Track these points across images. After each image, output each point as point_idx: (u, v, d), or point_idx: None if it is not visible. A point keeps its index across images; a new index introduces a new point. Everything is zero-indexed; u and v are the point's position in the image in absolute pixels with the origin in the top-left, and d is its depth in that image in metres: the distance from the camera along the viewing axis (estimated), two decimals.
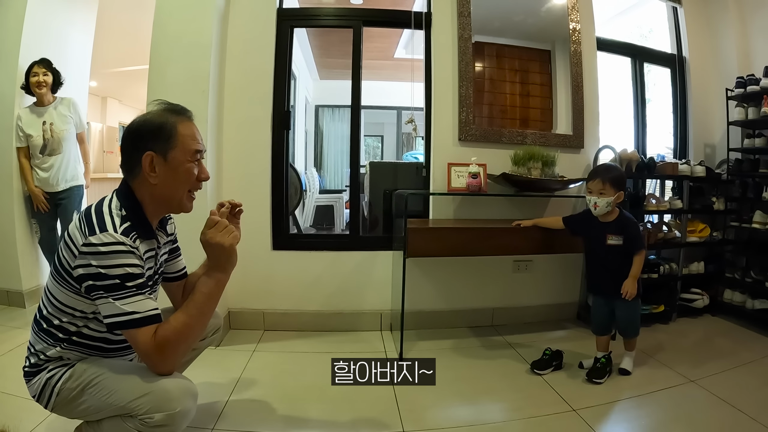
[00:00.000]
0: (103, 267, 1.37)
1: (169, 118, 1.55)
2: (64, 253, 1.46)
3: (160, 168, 1.53)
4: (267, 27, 3.37)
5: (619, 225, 2.72)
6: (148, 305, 1.42)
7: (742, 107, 3.89)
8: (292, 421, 2.22)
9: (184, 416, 1.46)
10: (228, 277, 1.59)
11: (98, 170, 6.92)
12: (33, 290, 3.75)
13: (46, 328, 1.53)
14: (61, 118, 3.65)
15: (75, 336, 1.53)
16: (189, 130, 1.58)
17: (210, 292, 1.53)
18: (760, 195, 3.68)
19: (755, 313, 3.61)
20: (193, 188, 1.63)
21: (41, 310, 1.56)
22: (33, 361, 1.54)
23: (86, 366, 1.51)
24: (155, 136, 1.52)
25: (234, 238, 1.58)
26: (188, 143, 1.56)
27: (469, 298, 3.54)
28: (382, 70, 7.65)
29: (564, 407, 2.35)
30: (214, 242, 1.54)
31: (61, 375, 1.50)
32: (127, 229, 1.45)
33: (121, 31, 5.91)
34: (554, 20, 3.77)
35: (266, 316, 3.36)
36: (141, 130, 1.53)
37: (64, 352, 1.53)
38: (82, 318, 1.51)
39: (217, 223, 1.56)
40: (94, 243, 1.38)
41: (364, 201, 4.54)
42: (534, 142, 3.51)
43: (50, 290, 1.53)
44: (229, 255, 1.57)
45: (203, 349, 2.07)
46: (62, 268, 1.46)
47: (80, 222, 1.45)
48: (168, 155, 1.53)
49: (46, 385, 1.50)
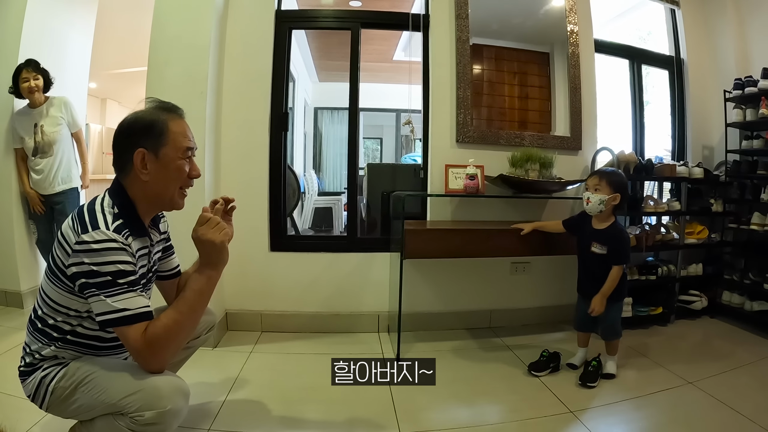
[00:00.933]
0: (95, 264, 1.38)
1: (160, 116, 1.56)
2: (57, 252, 1.46)
3: (151, 165, 1.53)
4: (265, 29, 3.38)
5: (607, 235, 2.67)
6: (139, 302, 1.43)
7: (740, 109, 3.90)
8: (289, 421, 2.21)
9: (174, 415, 1.45)
10: (219, 275, 1.59)
11: (97, 171, 6.93)
12: (31, 291, 3.74)
13: (41, 328, 1.53)
14: (52, 119, 3.60)
15: (69, 335, 1.53)
16: (180, 128, 1.59)
17: (201, 289, 1.54)
18: (759, 196, 3.69)
19: (754, 315, 3.61)
20: (185, 185, 1.64)
21: (36, 311, 1.57)
22: (28, 361, 1.55)
23: (79, 365, 1.52)
24: (146, 133, 1.53)
25: (225, 235, 1.58)
26: (179, 140, 1.57)
27: (466, 300, 3.54)
28: (382, 72, 7.64)
29: (561, 409, 2.35)
30: (205, 239, 1.54)
31: (55, 374, 1.50)
32: (119, 226, 1.46)
33: (120, 33, 5.92)
34: (553, 22, 3.77)
35: (264, 317, 3.36)
36: (132, 128, 1.54)
37: (59, 351, 1.54)
38: (76, 317, 1.52)
39: (208, 220, 1.57)
40: (86, 241, 1.38)
41: (362, 203, 4.54)
42: (532, 143, 3.53)
43: (45, 290, 1.53)
44: (220, 252, 1.57)
45: (197, 348, 2.07)
46: (56, 267, 1.47)
47: (73, 221, 1.45)
48: (159, 152, 1.54)
49: (40, 384, 1.51)
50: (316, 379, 2.55)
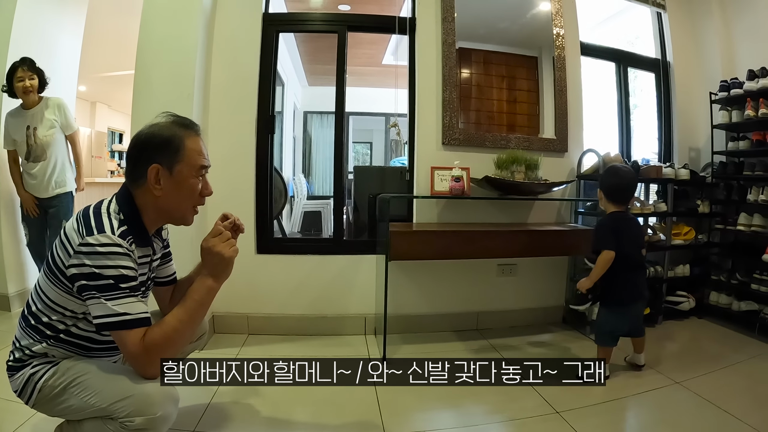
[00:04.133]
0: (97, 267, 1.38)
1: (177, 132, 1.56)
2: (58, 252, 1.46)
3: (165, 181, 1.54)
4: (253, 31, 3.38)
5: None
6: (139, 308, 1.44)
7: (726, 111, 3.93)
8: (274, 423, 2.20)
9: (164, 421, 1.46)
10: (219, 287, 1.61)
11: (86, 174, 6.85)
12: (19, 293, 3.70)
13: (34, 325, 1.53)
14: (46, 122, 3.51)
15: (63, 334, 1.53)
16: (196, 145, 1.59)
17: (201, 299, 1.55)
18: (745, 197, 3.71)
19: (741, 315, 3.62)
20: (197, 203, 1.65)
21: (30, 306, 1.56)
22: (17, 356, 1.54)
23: (70, 365, 1.51)
24: (163, 150, 1.53)
25: (234, 251, 1.61)
26: (195, 158, 1.58)
27: (453, 302, 3.54)
28: (371, 76, 7.67)
29: (547, 409, 2.34)
30: (215, 251, 1.57)
31: (44, 372, 1.50)
32: (124, 232, 1.46)
33: (110, 36, 5.93)
34: (539, 26, 3.79)
35: (250, 320, 3.34)
36: (149, 142, 1.54)
37: (50, 349, 1.53)
38: (71, 317, 1.52)
39: (221, 233, 1.60)
40: (91, 243, 1.39)
41: (350, 206, 4.54)
42: (518, 146, 3.54)
43: (42, 287, 1.53)
44: (226, 266, 1.60)
45: (189, 354, 2.06)
46: (55, 267, 1.46)
47: (77, 222, 1.46)
48: (174, 169, 1.54)
49: (28, 381, 1.50)
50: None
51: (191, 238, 2.53)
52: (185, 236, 1.57)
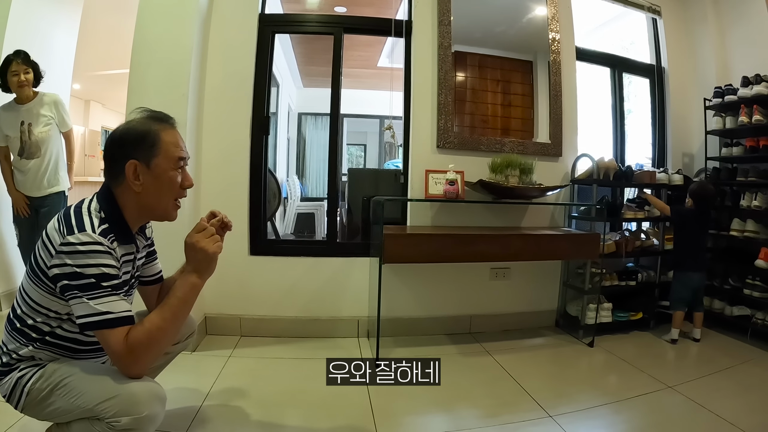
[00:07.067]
0: (78, 266, 1.36)
1: (152, 126, 1.55)
2: (40, 253, 1.45)
3: (143, 176, 1.52)
4: (248, 32, 3.37)
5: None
6: (121, 306, 1.41)
7: (720, 117, 3.96)
8: (267, 426, 2.19)
9: (151, 420, 1.44)
10: (203, 284, 1.58)
11: (79, 174, 6.82)
12: (7, 293, 3.66)
13: (20, 328, 1.51)
14: (41, 119, 3.40)
15: (48, 336, 1.51)
16: (172, 138, 1.58)
17: (185, 297, 1.53)
18: (738, 203, 3.73)
19: (734, 320, 3.66)
20: (178, 196, 1.64)
21: (15, 309, 1.54)
22: (5, 361, 1.52)
23: (56, 367, 1.50)
24: (139, 145, 1.52)
25: (218, 247, 1.59)
26: (171, 151, 1.56)
27: (447, 306, 3.53)
28: (366, 78, 7.67)
29: (540, 413, 2.35)
30: (199, 246, 1.54)
31: (31, 375, 1.48)
32: (105, 230, 1.45)
33: (105, 34, 5.90)
34: (535, 31, 3.80)
35: (243, 321, 3.32)
36: (124, 139, 1.53)
37: (37, 352, 1.51)
38: (56, 318, 1.50)
39: (205, 229, 1.58)
40: (71, 242, 1.37)
41: (344, 208, 4.53)
42: (512, 150, 3.53)
43: (25, 290, 1.51)
44: (210, 262, 1.57)
45: (176, 354, 2.05)
46: (38, 268, 1.45)
47: (59, 222, 1.44)
48: (151, 163, 1.53)
49: (16, 385, 1.48)
50: (295, 384, 2.54)
51: (183, 237, 2.50)
52: (169, 233, 1.54)
